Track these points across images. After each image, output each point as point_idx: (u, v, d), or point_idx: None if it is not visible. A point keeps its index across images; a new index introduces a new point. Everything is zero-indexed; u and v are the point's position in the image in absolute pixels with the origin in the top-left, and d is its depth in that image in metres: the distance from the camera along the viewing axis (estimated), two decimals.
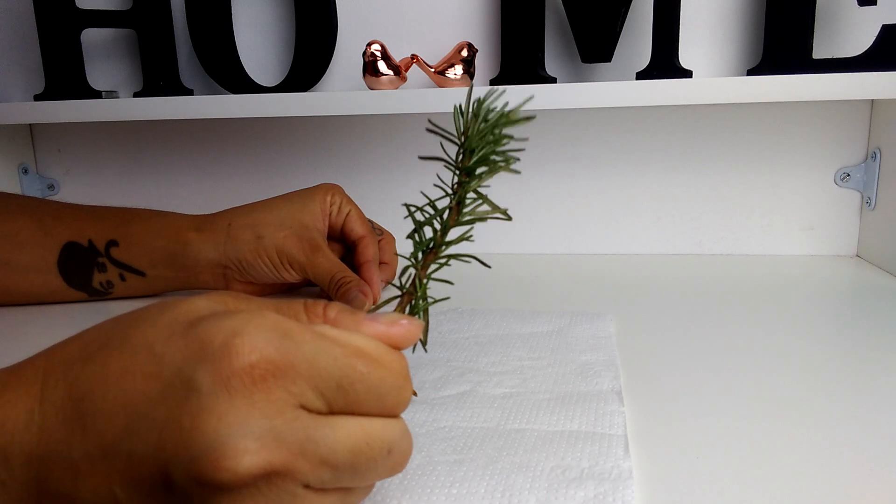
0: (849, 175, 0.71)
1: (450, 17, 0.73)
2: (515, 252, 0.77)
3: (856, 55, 0.60)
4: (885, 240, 0.67)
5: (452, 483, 0.30)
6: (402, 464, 0.26)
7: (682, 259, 0.73)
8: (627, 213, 0.75)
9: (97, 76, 0.79)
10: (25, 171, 0.84)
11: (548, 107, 0.62)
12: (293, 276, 0.57)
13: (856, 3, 0.61)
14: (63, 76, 0.71)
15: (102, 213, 0.60)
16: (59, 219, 0.58)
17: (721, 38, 0.69)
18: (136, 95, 0.72)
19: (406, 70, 0.67)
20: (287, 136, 0.80)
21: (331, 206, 0.59)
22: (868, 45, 0.60)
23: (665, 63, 0.62)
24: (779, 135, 0.71)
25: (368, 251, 0.58)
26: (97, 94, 0.72)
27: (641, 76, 0.63)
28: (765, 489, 0.30)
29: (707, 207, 0.74)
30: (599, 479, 0.30)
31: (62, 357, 0.24)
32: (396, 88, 0.66)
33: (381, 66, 0.66)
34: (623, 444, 0.33)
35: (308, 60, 0.71)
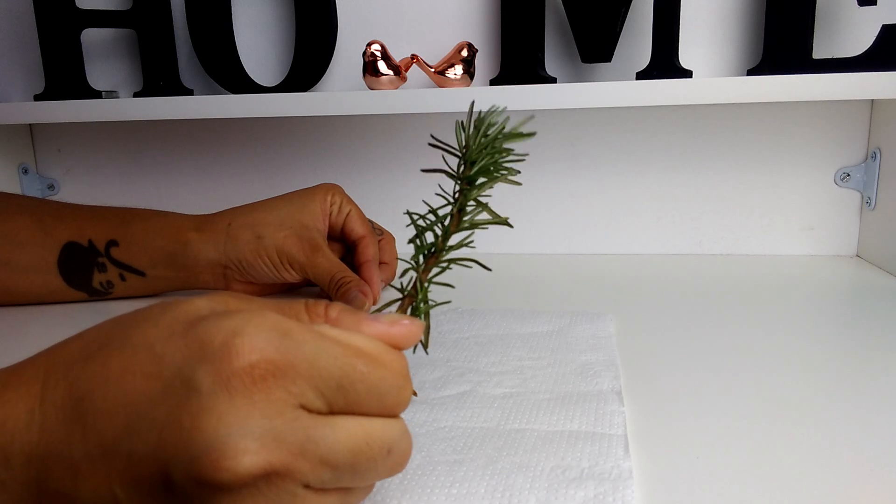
0: (849, 175, 0.71)
1: (450, 17, 0.73)
2: (515, 252, 0.77)
3: (856, 55, 0.60)
4: (885, 240, 0.67)
5: (452, 483, 0.30)
6: (402, 464, 0.26)
7: (682, 259, 0.73)
8: (627, 213, 0.75)
9: (97, 76, 0.79)
10: (25, 171, 0.84)
11: (548, 107, 0.62)
12: (293, 276, 0.57)
13: (856, 3, 0.61)
14: (63, 76, 0.71)
15: (102, 213, 0.60)
16: (59, 219, 0.58)
17: (721, 38, 0.69)
18: (136, 95, 0.72)
19: (406, 70, 0.67)
20: (287, 136, 0.80)
21: (331, 206, 0.60)
22: (868, 45, 0.60)
23: (665, 63, 0.62)
24: (779, 135, 0.71)
25: (368, 251, 0.58)
26: (97, 94, 0.72)
27: (641, 76, 0.63)
28: (765, 489, 0.30)
29: (707, 207, 0.74)
30: (599, 479, 0.30)
31: (63, 357, 0.24)
32: (396, 88, 0.66)
33: (381, 66, 0.66)
34: (623, 444, 0.33)
35: (308, 60, 0.71)
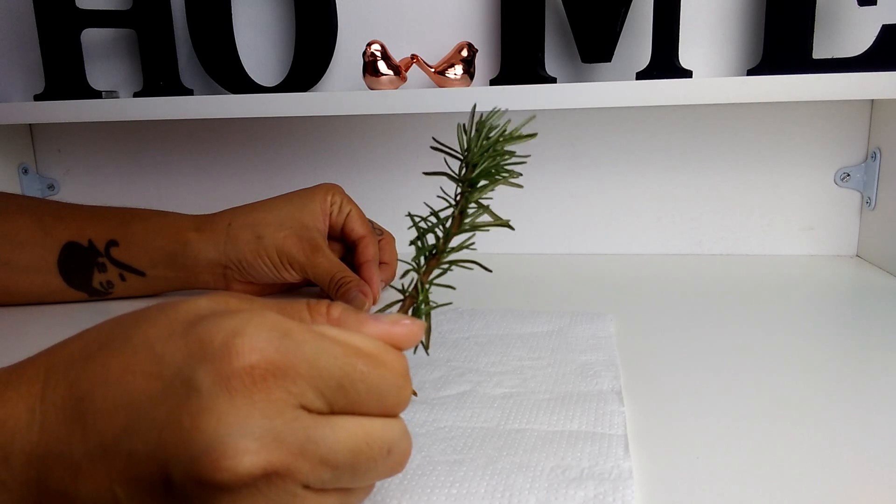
0: (849, 175, 0.71)
1: (450, 17, 0.73)
2: (515, 252, 0.77)
3: (856, 55, 0.60)
4: (885, 240, 0.67)
5: (452, 483, 0.30)
6: (402, 464, 0.26)
7: (682, 259, 0.73)
8: (627, 213, 0.75)
9: (97, 76, 0.79)
10: (25, 171, 0.84)
11: (548, 107, 0.62)
12: (293, 276, 0.57)
13: (856, 3, 0.61)
14: (63, 76, 0.71)
15: (102, 213, 0.60)
16: (59, 219, 0.58)
17: (721, 38, 0.69)
18: (136, 95, 0.72)
19: (406, 70, 0.67)
20: (287, 136, 0.80)
21: (331, 206, 0.60)
22: (868, 45, 0.60)
23: (665, 63, 0.62)
24: (779, 135, 0.71)
25: (368, 251, 0.58)
26: (97, 94, 0.72)
27: (641, 76, 0.63)
28: (765, 489, 0.30)
29: (707, 207, 0.74)
30: (599, 479, 0.30)
31: (63, 356, 0.24)
32: (396, 88, 0.66)
33: (381, 66, 0.66)
34: (623, 444, 0.33)
35: (308, 60, 0.71)
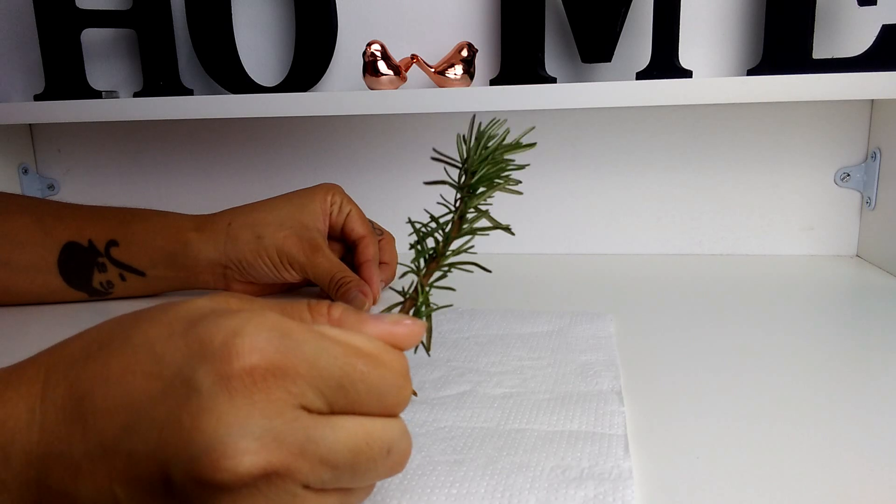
0: (849, 175, 0.71)
1: (450, 17, 0.73)
2: (516, 252, 0.77)
3: (856, 55, 0.60)
4: (885, 240, 0.67)
5: (452, 483, 0.30)
6: (402, 464, 0.26)
7: (682, 259, 0.73)
8: (627, 213, 0.75)
9: (97, 76, 0.79)
10: (25, 171, 0.84)
11: (548, 107, 0.62)
12: (293, 276, 0.57)
13: (856, 3, 0.61)
14: (63, 76, 0.71)
15: (102, 213, 0.60)
16: (59, 219, 0.58)
17: (721, 38, 0.69)
18: (136, 95, 0.72)
19: (406, 70, 0.67)
20: (287, 136, 0.80)
21: (331, 206, 0.60)
22: (868, 45, 0.60)
23: (665, 63, 0.62)
24: (779, 135, 0.71)
25: (368, 251, 0.58)
26: (97, 94, 0.72)
27: (641, 76, 0.63)
28: (765, 489, 0.30)
29: (707, 207, 0.74)
30: (599, 479, 0.30)
31: (63, 356, 0.24)
32: (396, 88, 0.66)
33: (381, 66, 0.66)
34: (623, 444, 0.33)
35: (308, 60, 0.71)
